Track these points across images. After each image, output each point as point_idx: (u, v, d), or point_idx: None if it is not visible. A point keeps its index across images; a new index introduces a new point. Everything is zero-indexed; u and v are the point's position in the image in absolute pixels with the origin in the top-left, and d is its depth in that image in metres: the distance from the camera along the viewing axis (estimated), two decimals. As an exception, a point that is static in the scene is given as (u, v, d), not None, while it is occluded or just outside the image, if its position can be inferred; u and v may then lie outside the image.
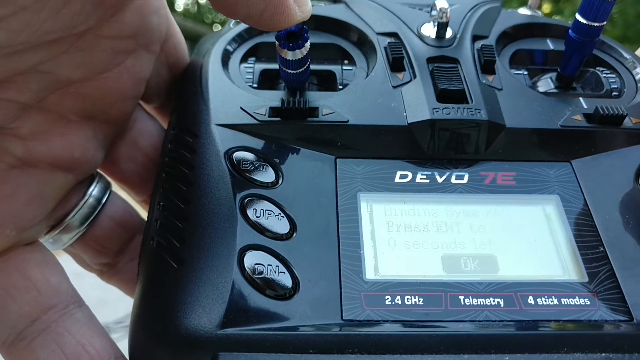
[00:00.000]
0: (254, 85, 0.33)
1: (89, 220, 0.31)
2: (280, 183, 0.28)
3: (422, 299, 0.25)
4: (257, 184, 0.28)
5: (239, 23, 0.36)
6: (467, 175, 0.30)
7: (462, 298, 0.25)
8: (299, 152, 0.29)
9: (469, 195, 0.29)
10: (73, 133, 0.28)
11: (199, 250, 0.26)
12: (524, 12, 0.40)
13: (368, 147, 0.30)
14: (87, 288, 0.33)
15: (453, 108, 0.30)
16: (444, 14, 0.33)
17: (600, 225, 0.28)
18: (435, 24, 0.34)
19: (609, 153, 0.31)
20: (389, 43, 0.34)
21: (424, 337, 0.24)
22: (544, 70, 0.37)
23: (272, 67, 0.34)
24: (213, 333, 0.23)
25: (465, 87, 0.31)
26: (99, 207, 0.32)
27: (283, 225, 0.27)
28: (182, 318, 0.24)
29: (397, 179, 0.29)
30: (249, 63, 0.35)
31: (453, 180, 0.29)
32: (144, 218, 0.32)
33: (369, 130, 0.30)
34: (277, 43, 0.28)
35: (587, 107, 0.32)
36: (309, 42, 0.28)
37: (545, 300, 0.25)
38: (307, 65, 0.30)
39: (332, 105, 0.31)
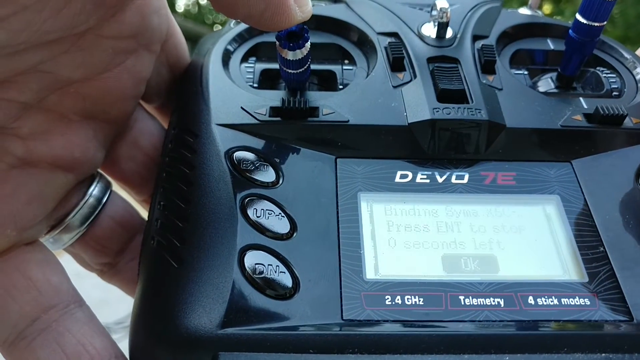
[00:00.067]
0: (255, 85, 0.33)
1: (90, 220, 0.32)
2: (281, 183, 0.28)
3: (422, 299, 0.25)
4: (257, 184, 0.28)
5: (240, 23, 0.36)
6: (467, 175, 0.30)
7: (462, 298, 0.25)
8: (300, 152, 0.29)
9: (469, 195, 0.29)
10: (73, 133, 0.28)
11: (200, 250, 0.26)
12: (524, 12, 0.40)
13: (368, 147, 0.30)
14: (88, 288, 0.33)
15: (453, 108, 0.30)
16: (445, 14, 0.33)
17: (601, 226, 0.28)
18: (436, 24, 0.34)
19: (609, 153, 0.31)
20: (390, 43, 0.34)
21: (424, 337, 0.24)
22: (544, 70, 0.37)
23: (272, 67, 0.34)
24: (213, 333, 0.23)
25: (466, 87, 0.31)
26: (100, 206, 0.32)
27: (283, 225, 0.27)
28: (182, 318, 0.24)
29: (397, 179, 0.29)
30: (250, 63, 0.35)
31: (453, 180, 0.29)
32: (145, 218, 0.32)
33: (370, 130, 0.30)
34: (277, 43, 0.28)
35: (587, 107, 0.32)
36: (310, 42, 0.28)
37: (546, 301, 0.25)
38: (307, 65, 0.30)
39: (332, 105, 0.31)
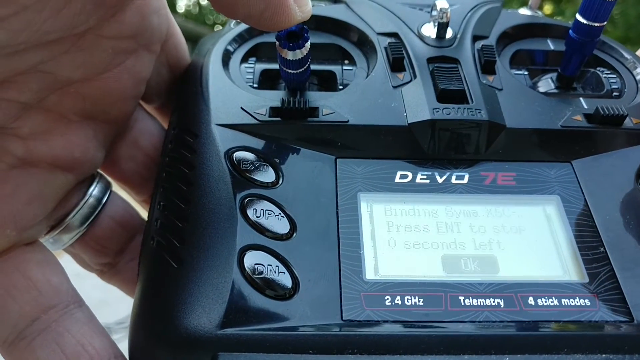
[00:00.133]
0: (255, 85, 0.33)
1: (89, 220, 0.32)
2: (281, 183, 0.28)
3: (422, 300, 0.25)
4: (257, 184, 0.28)
5: (240, 23, 0.36)
6: (467, 176, 0.30)
7: (462, 298, 0.25)
8: (299, 152, 0.29)
9: (469, 196, 0.29)
10: (73, 133, 0.28)
11: (199, 250, 0.26)
12: (525, 12, 0.40)
13: (368, 147, 0.30)
14: (88, 289, 0.33)
15: (453, 108, 0.30)
16: (445, 14, 0.33)
17: (601, 226, 0.28)
18: (436, 24, 0.34)
19: (610, 153, 0.31)
20: (390, 43, 0.34)
21: (424, 337, 0.24)
22: (545, 71, 0.36)
23: (272, 67, 0.34)
24: (213, 333, 0.23)
25: (466, 87, 0.31)
26: (99, 207, 0.32)
27: (283, 225, 0.27)
28: (182, 318, 0.24)
29: (397, 179, 0.29)
30: (250, 63, 0.35)
31: (453, 181, 0.29)
32: (144, 218, 0.32)
33: (369, 131, 0.30)
34: (277, 43, 0.28)
35: (587, 107, 0.32)
36: (309, 42, 0.28)
37: (546, 301, 0.25)
38: (307, 65, 0.30)
39: (332, 106, 0.31)
